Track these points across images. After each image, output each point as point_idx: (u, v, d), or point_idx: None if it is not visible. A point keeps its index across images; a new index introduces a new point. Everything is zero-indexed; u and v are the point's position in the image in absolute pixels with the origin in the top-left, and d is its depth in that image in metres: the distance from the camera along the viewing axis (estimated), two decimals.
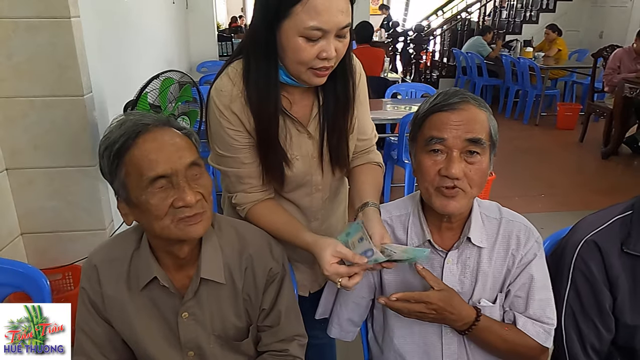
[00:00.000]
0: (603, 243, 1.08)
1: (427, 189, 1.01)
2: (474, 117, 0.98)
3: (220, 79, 1.11)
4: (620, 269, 1.07)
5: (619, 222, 1.10)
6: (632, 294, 1.08)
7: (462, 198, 0.99)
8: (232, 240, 1.06)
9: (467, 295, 1.09)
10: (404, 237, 1.11)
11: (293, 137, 1.15)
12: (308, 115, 1.16)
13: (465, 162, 0.97)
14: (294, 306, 1.14)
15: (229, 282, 1.04)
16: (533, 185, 4.27)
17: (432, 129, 0.98)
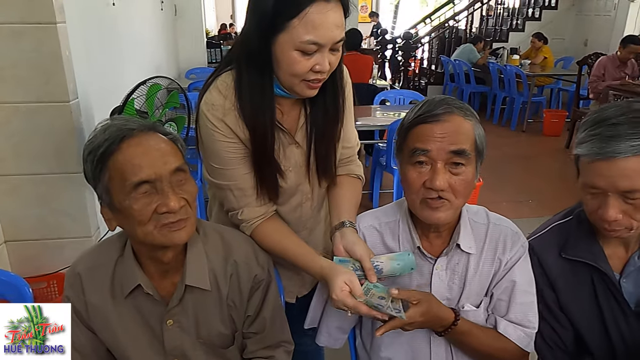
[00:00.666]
0: (539, 248, 1.13)
1: (413, 200, 1.02)
2: (458, 128, 0.98)
3: (210, 93, 1.07)
4: (558, 272, 1.11)
5: (557, 228, 1.15)
6: (573, 298, 1.12)
7: (447, 209, 1.00)
8: (217, 247, 1.05)
9: (455, 300, 1.10)
10: (395, 244, 1.11)
11: (283, 147, 1.14)
12: (295, 124, 1.15)
13: (450, 173, 0.97)
14: (280, 312, 1.13)
15: (214, 289, 1.03)
16: (520, 190, 4.31)
17: (416, 141, 0.98)
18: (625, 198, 0.96)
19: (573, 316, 1.13)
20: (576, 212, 1.14)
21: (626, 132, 0.92)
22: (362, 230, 1.14)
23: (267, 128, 1.06)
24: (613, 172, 0.94)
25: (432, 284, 1.08)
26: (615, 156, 0.92)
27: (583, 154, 0.97)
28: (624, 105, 0.97)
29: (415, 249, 1.08)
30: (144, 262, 0.99)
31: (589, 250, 1.09)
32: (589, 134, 0.96)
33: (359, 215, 1.19)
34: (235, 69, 1.06)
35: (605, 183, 0.96)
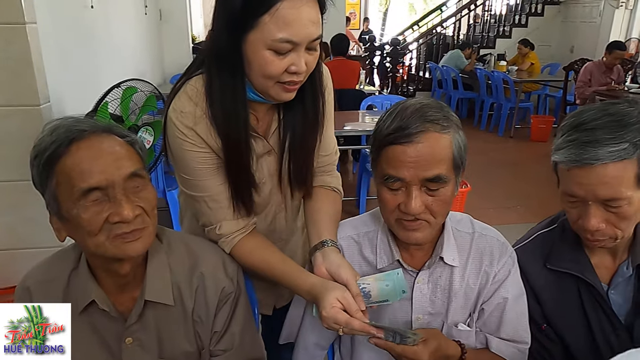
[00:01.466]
0: (523, 258, 1.07)
1: (389, 220, 0.97)
2: (434, 149, 0.88)
3: (178, 99, 0.99)
4: (543, 284, 1.06)
5: (541, 237, 1.11)
6: (559, 310, 1.06)
7: (425, 229, 0.94)
8: (182, 258, 0.98)
9: (439, 316, 1.03)
10: (373, 257, 1.04)
11: (257, 157, 1.06)
12: (268, 129, 1.08)
13: (426, 195, 0.91)
14: (251, 327, 1.06)
15: (178, 304, 0.96)
16: (508, 196, 4.28)
17: (388, 167, 0.90)
18: (607, 206, 0.91)
19: (560, 330, 1.08)
20: (561, 220, 1.09)
21: (604, 136, 0.88)
22: (339, 241, 1.07)
23: (240, 135, 0.98)
24: (592, 180, 0.89)
25: (414, 298, 1.02)
26: (593, 163, 0.88)
27: (560, 160, 0.92)
28: (601, 108, 0.92)
29: (395, 262, 1.01)
30: (100, 275, 0.91)
31: (574, 261, 1.04)
32: (566, 140, 0.91)
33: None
34: (205, 73, 0.98)
35: (584, 192, 0.91)
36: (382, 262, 1.03)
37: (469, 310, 1.05)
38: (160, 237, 0.98)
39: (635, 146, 0.87)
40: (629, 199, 0.89)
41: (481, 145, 5.95)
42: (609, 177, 0.88)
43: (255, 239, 1.08)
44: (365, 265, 1.05)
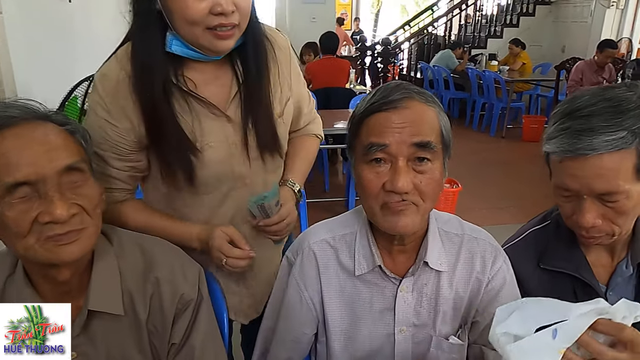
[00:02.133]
0: (514, 258, 0.98)
1: (371, 207, 0.84)
2: (421, 115, 0.81)
3: (107, 64, 0.95)
4: (536, 285, 0.97)
5: (533, 235, 1.02)
6: None
7: (413, 213, 0.82)
8: (135, 261, 0.88)
9: (425, 328, 0.93)
10: (351, 262, 0.93)
11: (204, 122, 0.98)
12: (226, 96, 1.00)
13: (414, 172, 0.80)
14: (214, 340, 0.95)
15: (129, 313, 0.86)
16: (500, 197, 4.21)
17: (370, 134, 0.81)
18: (603, 201, 0.82)
19: None
20: (554, 215, 1.00)
21: (600, 124, 0.79)
22: (312, 248, 0.95)
23: (158, 89, 0.92)
24: (586, 172, 0.80)
25: (396, 309, 0.92)
26: (587, 153, 0.79)
27: (552, 151, 0.84)
28: (597, 93, 0.83)
29: (376, 268, 0.91)
30: (37, 281, 0.81)
31: (570, 259, 0.95)
32: (558, 128, 0.83)
33: (310, 228, 1.01)
34: (130, 34, 0.95)
35: (578, 185, 0.82)
36: (361, 268, 0.92)
37: (460, 321, 0.95)
38: (110, 238, 0.88)
39: (634, 134, 0.78)
40: (627, 193, 0.81)
41: (473, 146, 5.90)
42: (605, 168, 0.79)
43: (136, 203, 1.05)
44: (343, 272, 0.94)
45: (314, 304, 0.96)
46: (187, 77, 0.96)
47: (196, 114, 0.97)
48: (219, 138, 1.00)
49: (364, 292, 0.93)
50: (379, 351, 0.94)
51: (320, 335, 1.00)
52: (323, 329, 0.98)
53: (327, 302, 0.95)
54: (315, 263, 0.95)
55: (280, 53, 1.07)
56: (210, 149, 0.99)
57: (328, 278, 0.94)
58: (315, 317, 0.98)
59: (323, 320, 0.97)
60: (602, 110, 0.80)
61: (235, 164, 1.03)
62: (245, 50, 0.98)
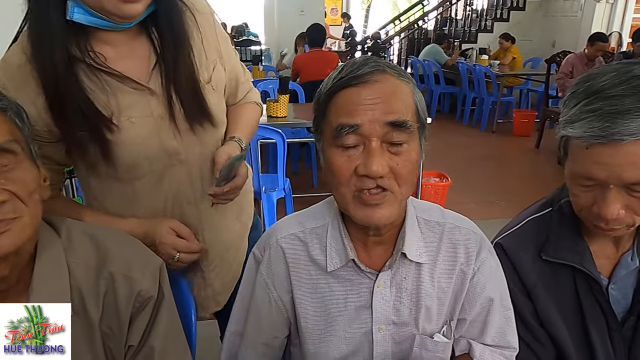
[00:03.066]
0: (511, 247, 0.92)
1: (343, 196, 0.75)
2: (394, 90, 0.73)
3: (9, 50, 0.89)
4: (536, 277, 0.90)
5: (534, 222, 0.94)
6: (554, 305, 0.90)
7: (390, 204, 0.74)
8: (86, 255, 0.79)
9: (407, 326, 0.85)
10: (322, 257, 0.85)
11: (122, 98, 0.91)
12: (146, 68, 0.93)
13: (389, 154, 0.72)
14: (177, 341, 0.86)
15: (80, 313, 0.77)
16: (490, 191, 4.16)
17: (340, 114, 0.72)
18: (631, 190, 0.74)
19: (554, 330, 0.92)
20: (558, 203, 0.92)
21: (634, 106, 0.70)
22: (280, 243, 0.87)
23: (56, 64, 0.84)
24: (619, 160, 0.72)
25: (374, 306, 0.84)
26: (624, 139, 0.70)
27: (577, 136, 0.74)
28: (621, 70, 0.74)
29: (350, 262, 0.83)
30: None
31: (573, 250, 0.88)
32: (584, 110, 0.74)
33: (278, 222, 0.92)
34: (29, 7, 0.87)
35: (606, 173, 0.74)
36: (333, 263, 0.83)
37: (445, 317, 0.87)
38: (58, 229, 0.79)
39: None
40: None
41: (463, 140, 5.87)
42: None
43: (60, 200, 1.00)
44: (314, 268, 0.86)
45: (284, 304, 0.88)
46: (97, 51, 0.89)
47: (112, 89, 0.90)
48: (143, 113, 0.93)
49: (337, 289, 0.85)
50: (356, 353, 0.86)
51: (293, 337, 0.93)
52: (296, 331, 0.90)
53: (299, 301, 0.87)
54: (284, 260, 0.87)
55: (202, 17, 1.00)
56: (132, 125, 0.92)
57: (298, 276, 0.86)
58: (286, 319, 0.90)
59: (295, 321, 0.89)
60: (632, 89, 0.71)
61: (165, 138, 0.95)
62: (158, 16, 0.91)
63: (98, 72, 0.89)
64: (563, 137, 0.79)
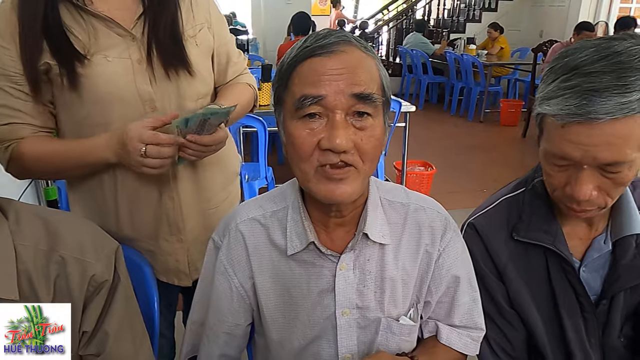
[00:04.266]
0: (484, 227, 0.91)
1: (305, 172, 0.72)
2: (360, 62, 0.70)
3: None
4: (507, 258, 0.89)
5: (506, 202, 0.93)
6: (525, 286, 0.89)
7: (354, 179, 0.71)
8: (36, 238, 0.76)
9: (371, 310, 0.83)
10: (283, 241, 0.82)
11: (102, 39, 0.94)
12: (132, 16, 0.97)
13: (354, 128, 0.70)
14: (133, 326, 0.84)
15: (30, 298, 0.74)
16: (477, 180, 4.18)
17: (304, 85, 0.70)
18: (604, 171, 0.73)
19: (524, 312, 0.91)
20: (531, 182, 0.91)
21: (613, 84, 0.68)
22: (240, 227, 0.85)
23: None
24: (594, 140, 0.70)
25: (337, 289, 0.81)
26: (600, 118, 0.68)
27: (553, 113, 0.72)
28: (601, 46, 0.72)
29: (310, 245, 0.80)
30: None
31: (546, 230, 0.86)
32: (562, 86, 0.71)
33: (238, 206, 0.90)
34: None
35: (581, 153, 0.72)
36: (293, 247, 0.81)
37: (411, 300, 0.86)
38: (5, 211, 0.76)
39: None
40: (632, 163, 0.72)
41: (451, 130, 5.89)
42: (616, 136, 0.69)
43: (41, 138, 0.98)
44: (275, 252, 0.84)
45: (246, 290, 0.86)
46: None
47: (94, 30, 0.93)
48: (120, 55, 0.96)
49: (299, 273, 0.83)
50: (320, 338, 0.84)
51: (257, 325, 0.91)
52: (259, 318, 0.88)
53: (260, 287, 0.85)
54: (244, 244, 0.84)
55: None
56: (107, 63, 0.94)
57: (259, 261, 0.84)
58: (249, 305, 0.88)
59: (257, 308, 0.87)
60: (611, 66, 0.69)
61: (140, 82, 0.97)
62: None
63: (84, 12, 0.92)
64: (539, 115, 0.77)
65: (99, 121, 0.97)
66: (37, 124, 0.97)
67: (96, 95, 0.94)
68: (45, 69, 0.92)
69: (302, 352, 0.85)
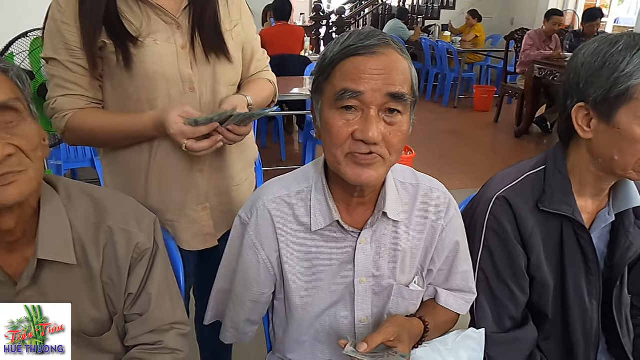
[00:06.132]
0: (514, 200, 1.00)
1: (336, 156, 0.80)
2: (397, 65, 0.78)
3: None
4: (533, 227, 1.00)
5: (530, 178, 1.03)
6: (545, 252, 1.01)
7: (380, 167, 0.80)
8: (86, 211, 0.85)
9: (384, 278, 0.94)
10: (307, 218, 0.91)
11: (153, 24, 1.05)
12: (178, 6, 1.08)
13: (384, 123, 0.78)
14: (171, 288, 0.94)
15: (82, 263, 0.83)
16: (452, 163, 4.35)
17: (345, 79, 0.77)
18: None
19: (540, 274, 1.02)
20: (552, 161, 1.02)
21: None
22: (267, 206, 0.92)
23: None
24: None
25: (356, 261, 0.92)
26: None
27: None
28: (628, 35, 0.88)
29: (334, 223, 0.90)
30: None
31: (566, 202, 0.98)
32: None
33: (262, 186, 0.98)
34: None
35: None
36: (317, 223, 0.90)
37: (416, 269, 0.97)
38: (57, 187, 0.84)
39: None
40: None
41: (426, 115, 6.02)
42: None
43: (94, 110, 1.08)
44: (300, 228, 0.93)
45: (272, 263, 0.94)
46: None
47: (145, 17, 1.04)
48: (167, 40, 1.06)
49: (322, 247, 0.92)
50: (339, 303, 0.95)
51: (278, 292, 1.00)
52: (282, 286, 0.98)
53: (286, 260, 0.93)
54: (271, 221, 0.92)
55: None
56: (155, 45, 1.05)
57: (285, 236, 0.93)
58: (273, 276, 0.96)
59: (281, 278, 0.96)
60: None
61: (182, 65, 1.08)
62: None
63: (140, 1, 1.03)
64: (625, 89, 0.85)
65: (145, 97, 1.06)
66: (91, 96, 1.07)
67: (144, 73, 1.04)
68: (100, 47, 1.02)
69: (323, 315, 0.96)
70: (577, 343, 1.03)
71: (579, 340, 1.03)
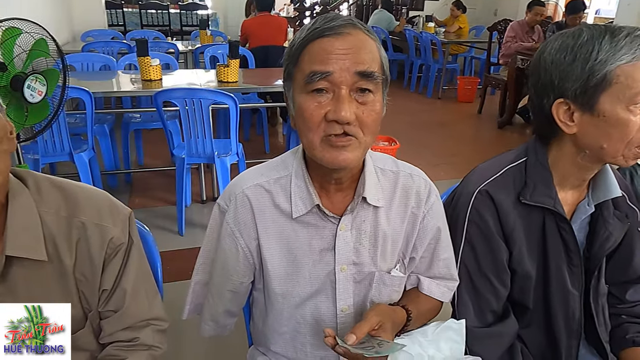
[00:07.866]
0: (496, 193, 0.99)
1: (312, 141, 0.79)
2: (364, 44, 0.78)
3: None
4: (515, 220, 0.99)
5: (511, 171, 1.02)
6: (527, 245, 1.01)
7: (355, 148, 0.80)
8: (57, 205, 0.82)
9: (365, 265, 0.93)
10: (287, 205, 0.90)
11: None
12: None
13: (357, 103, 0.78)
14: (147, 282, 0.92)
15: (54, 259, 0.80)
16: (436, 154, 4.37)
17: (313, 62, 0.76)
18: None
19: (523, 267, 1.01)
20: (533, 153, 1.02)
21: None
22: (246, 192, 0.91)
23: None
24: None
25: (337, 248, 0.91)
26: None
27: (629, 59, 0.83)
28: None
29: (314, 209, 0.89)
30: None
31: (548, 195, 0.98)
32: (633, 39, 0.84)
33: (241, 174, 0.96)
34: None
35: None
36: (298, 210, 0.89)
37: (397, 256, 0.97)
38: (25, 181, 0.81)
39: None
40: None
41: (411, 106, 6.04)
42: None
43: None
44: (280, 215, 0.91)
45: (251, 251, 0.93)
46: None
47: None
48: None
49: (302, 234, 0.91)
50: (320, 292, 0.94)
51: (257, 282, 0.99)
52: (260, 275, 0.97)
53: (265, 247, 0.92)
54: (250, 208, 0.91)
55: None
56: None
57: (264, 223, 0.91)
58: (252, 265, 0.95)
59: (260, 266, 0.95)
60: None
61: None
62: None
63: None
64: (606, 73, 0.85)
65: None
66: None
67: None
68: None
69: (303, 305, 0.95)
70: (559, 333, 1.04)
71: (560, 330, 1.04)
